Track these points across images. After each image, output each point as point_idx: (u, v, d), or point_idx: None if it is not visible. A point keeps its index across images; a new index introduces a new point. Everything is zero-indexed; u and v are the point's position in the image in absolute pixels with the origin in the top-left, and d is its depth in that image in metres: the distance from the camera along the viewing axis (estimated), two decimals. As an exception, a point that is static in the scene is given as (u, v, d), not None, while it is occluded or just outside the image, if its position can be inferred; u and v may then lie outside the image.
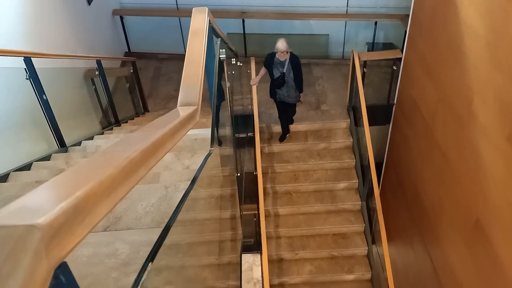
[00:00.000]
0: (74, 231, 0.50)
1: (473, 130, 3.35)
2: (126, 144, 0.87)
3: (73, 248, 0.49)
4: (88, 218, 0.54)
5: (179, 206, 1.42)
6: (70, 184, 0.57)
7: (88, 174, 0.62)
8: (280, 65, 5.02)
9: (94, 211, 0.56)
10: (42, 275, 0.43)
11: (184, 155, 3.68)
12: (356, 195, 5.65)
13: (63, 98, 5.06)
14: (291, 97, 5.27)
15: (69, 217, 0.49)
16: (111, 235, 2.63)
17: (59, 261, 0.46)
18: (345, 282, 5.30)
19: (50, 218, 0.45)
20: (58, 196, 0.52)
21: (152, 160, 0.84)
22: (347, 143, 5.90)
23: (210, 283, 3.79)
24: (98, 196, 0.58)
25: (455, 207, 3.71)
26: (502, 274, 2.94)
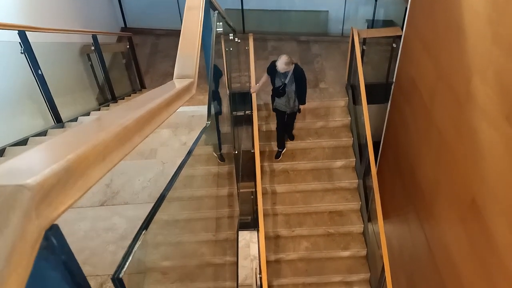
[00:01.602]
0: (66, 193, 0.49)
1: (472, 109, 3.33)
2: (121, 111, 0.86)
3: (65, 210, 0.48)
4: (80, 182, 0.53)
5: (175, 176, 1.41)
6: (62, 147, 0.56)
7: (81, 138, 0.61)
8: (282, 76, 4.89)
9: (87, 175, 0.55)
10: (32, 235, 0.42)
11: (181, 131, 3.67)
12: (353, 173, 5.67)
13: (59, 73, 5.01)
14: (288, 107, 5.13)
15: (60, 179, 0.48)
16: (108, 209, 2.64)
17: (50, 223, 0.46)
18: (340, 259, 5.36)
19: (40, 179, 0.44)
20: (49, 158, 0.50)
21: (147, 128, 0.83)
22: (345, 121, 5.89)
23: (207, 258, 3.82)
24: (91, 160, 0.57)
25: (451, 186, 3.73)
26: (496, 253, 2.97)
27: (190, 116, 4.14)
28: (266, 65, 6.86)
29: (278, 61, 4.72)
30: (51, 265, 0.48)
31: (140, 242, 0.94)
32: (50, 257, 0.48)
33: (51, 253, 0.48)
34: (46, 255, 0.47)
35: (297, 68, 4.89)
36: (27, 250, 0.41)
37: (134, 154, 3.26)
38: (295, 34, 7.61)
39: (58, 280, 0.49)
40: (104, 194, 2.71)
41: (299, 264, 5.37)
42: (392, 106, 5.63)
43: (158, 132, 3.80)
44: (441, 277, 4.01)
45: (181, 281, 2.56)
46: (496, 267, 2.98)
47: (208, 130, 2.35)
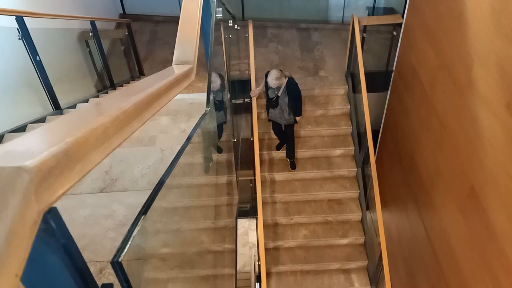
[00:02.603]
0: (65, 176, 0.49)
1: (473, 97, 3.32)
2: (120, 96, 0.85)
3: (64, 193, 0.48)
4: (79, 165, 0.53)
5: (175, 161, 1.41)
6: (61, 131, 0.55)
7: (80, 122, 0.60)
8: (276, 88, 4.85)
9: (86, 159, 0.55)
10: (31, 217, 0.42)
11: (181, 118, 3.66)
12: (352, 162, 5.68)
13: (57, 60, 4.98)
14: (283, 119, 5.09)
15: (59, 162, 0.48)
16: (108, 196, 2.64)
17: (49, 205, 0.45)
18: (338, 246, 5.40)
19: (39, 161, 0.44)
20: (48, 141, 0.50)
21: (146, 113, 0.82)
22: (344, 109, 5.88)
23: (206, 246, 3.84)
24: (90, 144, 0.56)
25: (451, 174, 3.73)
26: (494, 241, 2.99)
27: (189, 104, 4.12)
28: (266, 53, 6.84)
29: (269, 77, 4.68)
30: (50, 248, 0.48)
31: (140, 228, 0.94)
32: (49, 240, 0.48)
33: (50, 236, 0.48)
34: (45, 238, 0.47)
35: (290, 81, 4.83)
36: (26, 233, 0.40)
37: (133, 141, 3.26)
38: (295, 22, 7.56)
39: (58, 263, 0.49)
40: (103, 181, 2.71)
41: (298, 251, 5.40)
42: (392, 95, 5.61)
43: (157, 119, 3.78)
44: (440, 265, 4.04)
45: (180, 267, 2.58)
46: (495, 255, 3.00)
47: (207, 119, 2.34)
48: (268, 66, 6.45)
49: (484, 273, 3.17)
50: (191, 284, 2.97)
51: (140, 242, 2.30)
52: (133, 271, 2.35)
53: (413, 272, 4.94)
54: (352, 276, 5.29)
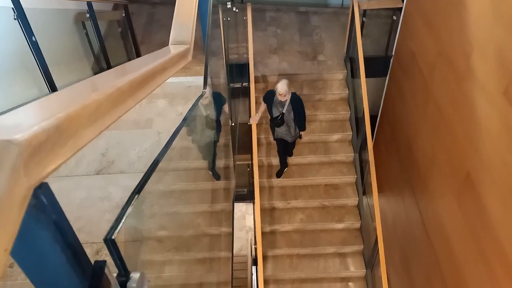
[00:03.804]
0: (56, 152, 0.48)
1: (470, 84, 3.31)
2: (115, 73, 0.84)
3: (55, 169, 0.47)
4: (71, 141, 0.52)
5: (170, 141, 1.40)
6: (53, 106, 0.54)
7: (73, 98, 0.59)
8: (280, 105, 4.76)
9: (79, 135, 0.54)
10: (21, 192, 0.41)
11: (178, 102, 3.64)
12: (349, 147, 5.68)
13: (53, 41, 4.92)
14: (290, 136, 5.04)
15: (50, 136, 0.47)
16: (104, 178, 2.63)
17: (39, 181, 0.44)
18: (334, 231, 5.43)
19: (29, 135, 0.43)
20: (39, 116, 0.49)
21: (141, 92, 0.81)
22: (342, 95, 5.86)
23: (203, 229, 3.86)
24: (83, 120, 0.55)
25: (447, 160, 3.74)
26: (489, 227, 3.01)
27: (186, 87, 4.09)
28: (264, 36, 6.77)
29: (279, 85, 4.59)
30: (41, 224, 0.48)
31: (134, 207, 0.94)
32: (40, 216, 0.47)
33: (41, 212, 0.47)
34: (36, 213, 0.46)
35: (294, 96, 4.77)
36: (15, 207, 0.40)
37: (130, 123, 3.24)
38: (294, 5, 7.47)
39: (49, 239, 0.49)
40: (100, 163, 2.70)
41: (294, 235, 5.44)
42: (390, 80, 5.59)
43: (154, 102, 3.76)
44: (434, 250, 4.07)
45: (177, 249, 2.59)
46: (489, 242, 3.03)
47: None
48: (267, 50, 6.40)
49: (478, 260, 3.20)
50: (188, 266, 2.99)
51: (137, 224, 2.31)
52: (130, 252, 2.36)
53: (407, 257, 4.99)
54: (347, 260, 5.34)
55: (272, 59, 6.19)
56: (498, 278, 2.93)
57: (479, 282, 3.21)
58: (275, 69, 6.03)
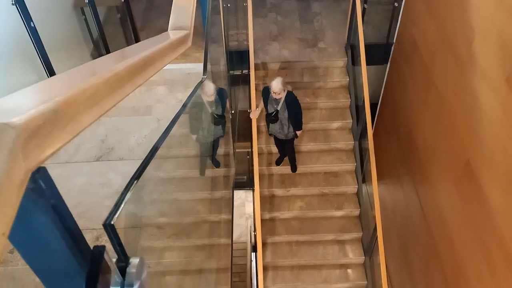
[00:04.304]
0: (54, 136, 0.48)
1: (472, 71, 3.29)
2: (113, 58, 0.83)
3: (53, 153, 0.47)
4: (70, 125, 0.51)
5: (169, 128, 1.39)
6: (51, 90, 0.53)
7: (71, 82, 0.58)
8: (275, 102, 4.71)
9: (77, 119, 0.53)
10: (18, 176, 0.40)
11: (177, 88, 3.62)
12: (349, 135, 5.67)
13: (52, 27, 4.88)
14: (283, 134, 4.99)
15: (48, 120, 0.46)
16: (104, 165, 2.63)
17: (37, 165, 0.44)
18: (333, 218, 5.45)
19: (27, 118, 0.42)
20: (36, 99, 0.48)
21: (139, 77, 0.80)
22: (343, 82, 5.83)
23: (203, 216, 3.88)
24: (81, 104, 0.54)
25: (448, 148, 3.74)
26: (488, 216, 3.02)
27: (186, 74, 4.07)
28: (264, 23, 6.71)
29: (273, 82, 4.54)
30: (39, 208, 0.47)
31: (134, 193, 0.94)
32: (38, 200, 0.47)
33: (39, 196, 0.47)
34: (34, 197, 0.46)
35: (289, 95, 4.71)
36: (13, 191, 0.39)
37: (129, 110, 3.23)
38: (295, -9, 7.38)
39: (47, 224, 0.49)
40: (99, 149, 2.70)
41: (293, 222, 5.46)
42: (391, 67, 5.56)
43: (153, 88, 3.74)
44: (433, 238, 4.09)
45: (177, 236, 2.61)
46: (488, 230, 3.04)
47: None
48: (267, 37, 6.35)
49: (476, 247, 3.22)
50: (187, 252, 3.01)
51: (137, 211, 2.32)
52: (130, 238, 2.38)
53: (406, 244, 5.02)
54: (346, 247, 5.37)
55: (273, 46, 6.14)
56: (496, 266, 2.95)
57: (477, 269, 3.23)
58: (275, 56, 5.99)
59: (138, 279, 0.65)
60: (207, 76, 2.64)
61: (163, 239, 2.51)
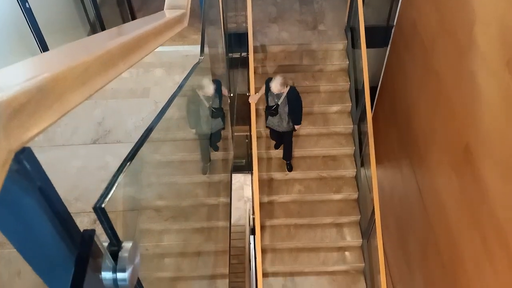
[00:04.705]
0: (40, 115, 0.45)
1: (472, 55, 3.26)
2: (106, 36, 0.80)
3: (39, 133, 0.45)
4: (57, 104, 0.49)
5: (164, 109, 1.37)
6: (38, 67, 0.51)
7: (59, 59, 0.56)
8: (276, 96, 4.65)
9: (65, 98, 0.51)
10: (1, 156, 0.38)
11: (175, 71, 3.58)
12: (348, 119, 5.65)
13: (48, 8, 4.80)
14: (281, 127, 4.94)
15: (33, 98, 0.44)
16: (101, 148, 2.61)
17: (21, 145, 0.42)
18: (332, 201, 5.47)
19: (9, 96, 0.40)
20: (20, 76, 0.46)
21: (133, 56, 0.77)
22: (343, 65, 5.78)
23: (201, 199, 3.88)
24: (70, 82, 0.52)
25: (446, 133, 3.72)
26: (486, 200, 3.02)
27: (184, 56, 4.02)
28: (263, 5, 6.62)
29: (273, 82, 4.47)
30: (25, 191, 0.45)
31: (131, 176, 0.92)
32: (23, 182, 0.45)
33: (24, 178, 0.45)
34: (19, 179, 0.44)
35: (291, 90, 4.65)
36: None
37: (126, 92, 3.19)
38: (294, -28, 7.26)
39: (34, 207, 0.47)
40: (96, 132, 2.68)
41: (292, 206, 5.47)
42: (391, 51, 5.50)
43: (151, 71, 3.70)
44: (430, 222, 4.11)
45: (174, 219, 2.60)
46: (485, 214, 3.04)
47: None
48: (266, 19, 6.27)
49: (473, 231, 3.23)
50: (185, 235, 3.02)
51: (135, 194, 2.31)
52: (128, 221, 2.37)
53: (403, 228, 5.04)
54: (344, 230, 5.40)
55: (272, 28, 6.06)
56: (492, 249, 2.96)
57: (473, 253, 3.24)
58: (274, 38, 5.92)
59: (131, 263, 0.64)
60: (204, 58, 2.60)
61: (161, 222, 2.51)
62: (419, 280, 4.51)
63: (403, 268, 5.07)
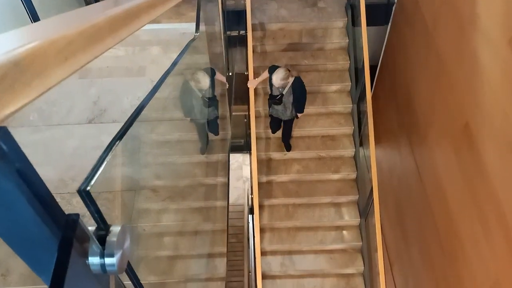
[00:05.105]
0: (17, 92, 0.42)
1: (475, 32, 3.20)
2: (93, 8, 0.76)
3: (16, 111, 0.42)
4: (37, 81, 0.46)
5: (156, 87, 1.33)
6: (15, 40, 0.47)
7: (39, 32, 0.52)
8: (281, 85, 4.53)
9: (46, 74, 0.48)
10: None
11: (172, 49, 3.52)
12: (347, 98, 5.60)
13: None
14: (285, 116, 4.87)
15: (8, 74, 0.41)
16: (96, 127, 2.58)
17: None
18: (330, 181, 5.47)
19: (-21, 71, 0.37)
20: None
21: (123, 30, 0.73)
22: (342, 44, 5.70)
23: (198, 179, 3.87)
24: (50, 58, 0.49)
25: (447, 111, 3.69)
26: (485, 179, 3.01)
27: (181, 34, 3.94)
28: (262, -20, 6.47)
29: (274, 75, 4.34)
30: (1, 173, 0.43)
31: (122, 154, 0.89)
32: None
33: (0, 159, 0.42)
34: (-6, 161, 0.41)
35: (296, 81, 4.53)
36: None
37: (122, 71, 3.14)
38: None
39: (12, 189, 0.44)
40: (91, 111, 2.64)
41: (290, 185, 5.48)
42: (392, 29, 5.41)
43: (147, 49, 3.63)
44: (428, 201, 4.11)
45: (172, 199, 2.59)
46: (484, 193, 3.03)
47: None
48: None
49: (472, 211, 3.23)
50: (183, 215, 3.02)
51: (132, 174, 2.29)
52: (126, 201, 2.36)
53: (401, 206, 5.06)
54: (342, 210, 5.42)
55: (270, 5, 5.95)
56: (491, 229, 2.96)
57: (472, 232, 3.25)
58: (273, 16, 5.82)
59: (120, 248, 0.62)
60: (201, 36, 2.54)
61: (158, 202, 2.50)
62: (416, 258, 4.55)
63: (401, 246, 5.11)
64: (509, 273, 2.77)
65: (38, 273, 0.52)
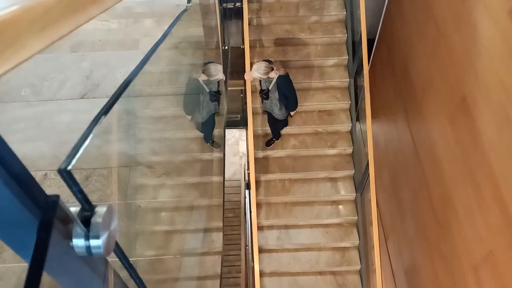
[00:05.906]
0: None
1: (474, 3, 3.14)
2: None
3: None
4: (10, 51, 0.42)
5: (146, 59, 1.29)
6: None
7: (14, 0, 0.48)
8: (267, 80, 4.41)
9: (21, 44, 0.44)
10: None
11: (166, 21, 3.42)
12: (344, 72, 5.54)
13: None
14: (274, 113, 4.77)
15: (-24, 43, 0.37)
16: (89, 102, 2.53)
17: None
18: (326, 156, 5.46)
19: None
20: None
21: None
22: (340, 16, 5.59)
23: (193, 154, 3.85)
24: (24, 26, 0.45)
25: (444, 83, 3.66)
26: (480, 151, 3.01)
27: (175, 6, 3.84)
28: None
29: (254, 66, 4.22)
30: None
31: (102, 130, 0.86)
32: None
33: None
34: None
35: (281, 77, 4.40)
36: None
37: (115, 44, 3.07)
38: None
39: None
40: (84, 86, 2.58)
41: (286, 161, 5.47)
42: (390, 0, 5.31)
43: (140, 21, 3.54)
44: (424, 173, 4.13)
45: (167, 175, 2.58)
46: (479, 165, 3.04)
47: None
48: (261, -34, 5.98)
49: (466, 182, 3.24)
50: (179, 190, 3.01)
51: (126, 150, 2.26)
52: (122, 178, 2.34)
53: (397, 180, 5.08)
54: (338, 184, 5.44)
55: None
56: (484, 199, 2.98)
57: (466, 204, 3.27)
58: (269, -13, 5.68)
59: (106, 229, 0.59)
60: (195, 8, 2.47)
61: (153, 178, 2.48)
62: (411, 230, 4.60)
63: (396, 218, 5.16)
64: (502, 244, 2.81)
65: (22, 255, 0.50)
